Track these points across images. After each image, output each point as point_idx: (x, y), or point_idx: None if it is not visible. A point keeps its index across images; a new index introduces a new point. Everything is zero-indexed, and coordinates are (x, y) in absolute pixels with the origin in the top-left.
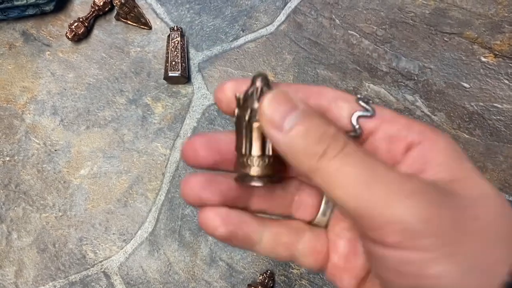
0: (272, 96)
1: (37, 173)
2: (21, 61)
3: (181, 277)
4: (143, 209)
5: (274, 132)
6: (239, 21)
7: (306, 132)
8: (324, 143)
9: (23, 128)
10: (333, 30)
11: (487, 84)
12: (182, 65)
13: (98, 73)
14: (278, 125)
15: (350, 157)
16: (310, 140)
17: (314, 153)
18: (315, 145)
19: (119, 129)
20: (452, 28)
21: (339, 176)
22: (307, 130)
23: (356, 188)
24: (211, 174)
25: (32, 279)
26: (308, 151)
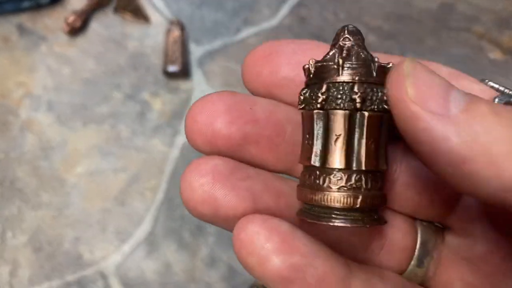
0: (413, 64)
1: (33, 170)
2: (16, 55)
3: (180, 278)
4: (141, 208)
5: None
6: (241, 15)
7: (496, 111)
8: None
9: (18, 124)
10: (338, 25)
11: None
12: (182, 60)
13: (95, 68)
14: (440, 108)
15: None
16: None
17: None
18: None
19: (117, 125)
20: (459, 24)
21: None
22: (495, 108)
23: None
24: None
25: (27, 279)
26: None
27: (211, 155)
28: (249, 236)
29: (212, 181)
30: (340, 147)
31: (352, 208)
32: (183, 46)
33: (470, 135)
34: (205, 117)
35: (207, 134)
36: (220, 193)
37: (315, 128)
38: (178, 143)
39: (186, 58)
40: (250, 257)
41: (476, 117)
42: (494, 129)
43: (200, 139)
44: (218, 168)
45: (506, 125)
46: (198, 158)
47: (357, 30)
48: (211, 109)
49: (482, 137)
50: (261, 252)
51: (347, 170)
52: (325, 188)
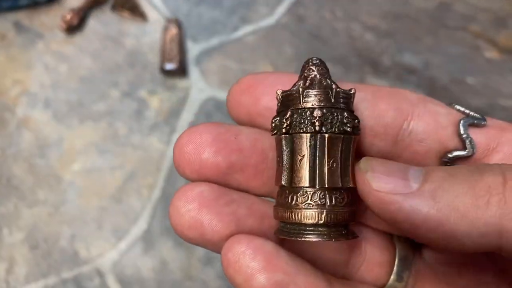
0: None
1: (29, 167)
2: (13, 53)
3: (176, 276)
4: (138, 206)
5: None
6: (238, 13)
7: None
8: (493, 168)
9: (14, 121)
10: (335, 23)
11: (491, 80)
12: (179, 58)
13: (92, 65)
14: (404, 187)
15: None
16: (466, 176)
17: (488, 184)
18: (482, 175)
19: (113, 123)
20: (456, 23)
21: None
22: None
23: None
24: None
25: (23, 276)
26: (477, 187)
27: (197, 182)
28: (236, 256)
29: (198, 207)
30: (304, 167)
31: (318, 223)
32: (180, 44)
33: (435, 201)
34: (192, 148)
35: (194, 163)
36: (206, 219)
37: (283, 151)
38: (175, 141)
39: (183, 56)
40: (237, 275)
41: (435, 184)
42: (454, 189)
43: (188, 169)
44: (204, 194)
45: (462, 181)
46: (185, 185)
47: (321, 61)
48: (198, 140)
49: (446, 199)
50: (247, 270)
51: (312, 188)
52: (293, 206)
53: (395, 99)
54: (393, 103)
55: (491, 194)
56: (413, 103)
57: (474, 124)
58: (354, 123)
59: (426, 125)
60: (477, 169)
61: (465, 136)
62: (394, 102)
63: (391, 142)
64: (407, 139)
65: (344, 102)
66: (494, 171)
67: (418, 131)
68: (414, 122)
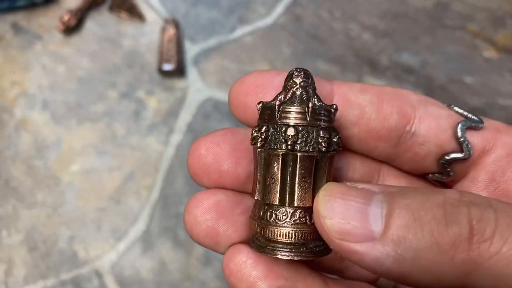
0: (325, 197)
1: (27, 169)
2: (11, 54)
3: (175, 277)
4: (136, 207)
5: (363, 248)
6: (236, 13)
7: (416, 216)
8: (460, 217)
9: (12, 123)
10: (333, 23)
11: (489, 80)
12: (177, 58)
13: (90, 66)
14: (364, 235)
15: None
16: (433, 226)
17: (453, 240)
18: (447, 227)
19: (111, 124)
20: (454, 22)
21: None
22: (414, 213)
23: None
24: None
25: (22, 278)
26: (442, 242)
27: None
28: (238, 266)
29: (216, 217)
30: (276, 184)
31: (288, 242)
32: (178, 44)
33: (398, 255)
34: (212, 159)
35: (214, 174)
36: (222, 229)
37: (258, 164)
38: (173, 142)
39: (181, 56)
40: (240, 284)
41: (398, 234)
42: (417, 242)
43: (207, 179)
44: (221, 204)
45: (427, 232)
46: (201, 192)
47: (305, 72)
48: (217, 151)
49: (410, 254)
50: (249, 279)
51: (283, 206)
52: (265, 222)
53: (398, 102)
54: (397, 106)
55: (456, 252)
56: (415, 105)
57: (472, 127)
58: (331, 140)
59: (427, 128)
60: (444, 211)
61: (462, 140)
62: (398, 105)
63: (394, 144)
64: (409, 142)
65: (323, 118)
66: (460, 221)
67: (419, 134)
68: (416, 126)
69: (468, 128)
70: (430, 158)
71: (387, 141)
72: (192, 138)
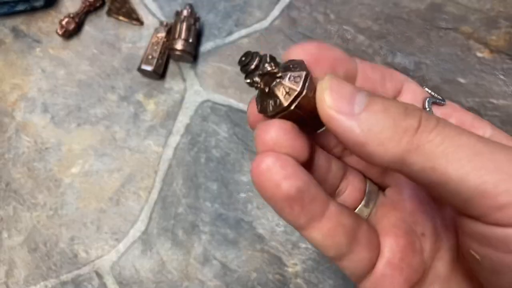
0: (330, 80)
1: (28, 171)
2: (11, 58)
3: (174, 276)
4: (136, 208)
5: (344, 119)
6: (233, 16)
7: (386, 107)
8: (414, 114)
9: (13, 126)
10: (328, 25)
11: (483, 80)
12: (157, 61)
13: (89, 70)
14: (347, 110)
15: (453, 127)
16: (395, 115)
17: (406, 127)
18: (404, 118)
19: (111, 126)
20: (448, 23)
21: (449, 149)
22: (385, 105)
23: (476, 161)
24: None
25: (23, 279)
26: (398, 126)
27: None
28: (269, 166)
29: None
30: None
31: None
32: (164, 48)
33: (367, 127)
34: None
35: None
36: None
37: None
38: (171, 144)
39: (163, 60)
40: (268, 182)
41: (371, 113)
42: (383, 122)
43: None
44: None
45: (391, 118)
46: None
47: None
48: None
49: (375, 127)
50: (277, 177)
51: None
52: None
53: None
54: (394, 82)
55: (405, 135)
56: (403, 82)
57: (437, 103)
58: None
59: (406, 100)
60: (405, 110)
61: (428, 110)
62: (394, 81)
63: None
64: None
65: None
66: (414, 117)
67: None
68: (401, 97)
69: (434, 103)
70: None
71: None
72: (190, 140)
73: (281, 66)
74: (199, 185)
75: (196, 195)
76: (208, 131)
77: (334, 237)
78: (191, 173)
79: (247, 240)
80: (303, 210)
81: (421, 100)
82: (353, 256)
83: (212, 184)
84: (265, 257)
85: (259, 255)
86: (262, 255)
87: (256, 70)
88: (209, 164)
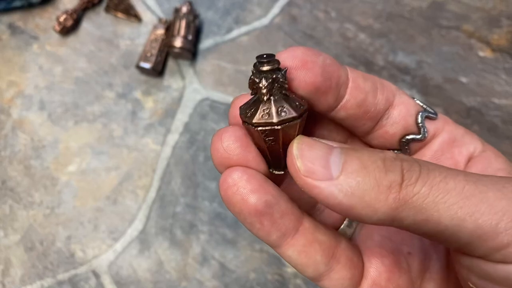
0: (299, 145)
1: (24, 169)
2: (7, 55)
3: (172, 276)
4: (133, 207)
5: (323, 185)
6: (232, 14)
7: (363, 164)
8: (394, 167)
9: (9, 123)
10: (329, 23)
11: (485, 79)
12: (156, 59)
13: (87, 67)
14: (324, 175)
15: (437, 171)
16: (375, 172)
17: (389, 184)
18: (386, 174)
19: (108, 124)
20: (449, 22)
21: (438, 197)
22: (362, 161)
23: (469, 205)
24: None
25: (19, 278)
26: (381, 185)
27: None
28: (234, 180)
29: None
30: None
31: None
32: (162, 45)
33: (349, 191)
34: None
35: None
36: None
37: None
38: (169, 142)
39: (162, 57)
40: (235, 196)
41: (350, 175)
42: (363, 183)
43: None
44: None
45: (371, 178)
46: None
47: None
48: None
49: (357, 191)
50: (243, 191)
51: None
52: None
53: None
54: (385, 93)
55: (390, 192)
56: (394, 94)
57: (429, 117)
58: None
59: (399, 112)
60: (384, 164)
61: (421, 125)
62: (386, 92)
63: (376, 123)
64: (384, 122)
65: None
66: (395, 170)
67: (393, 117)
68: (393, 110)
69: (426, 117)
70: (395, 136)
71: (373, 121)
72: (188, 138)
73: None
74: (197, 184)
75: (195, 194)
76: (207, 129)
77: (309, 254)
78: (190, 171)
79: (246, 240)
80: (274, 226)
81: (414, 113)
82: (333, 275)
83: (210, 183)
84: (264, 257)
85: (258, 255)
86: (261, 255)
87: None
88: (207, 163)
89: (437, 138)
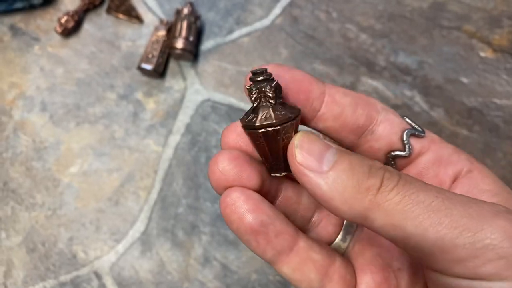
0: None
1: (26, 171)
2: (9, 56)
3: (174, 277)
4: (135, 208)
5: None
6: (233, 15)
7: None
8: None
9: (11, 125)
10: (330, 24)
11: (486, 80)
12: (158, 60)
13: (88, 68)
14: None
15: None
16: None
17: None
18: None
19: (110, 125)
20: (451, 23)
21: (408, 206)
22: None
23: (433, 217)
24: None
25: (21, 280)
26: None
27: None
28: (233, 200)
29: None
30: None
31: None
32: (164, 46)
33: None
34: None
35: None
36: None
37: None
38: (171, 143)
39: (164, 59)
40: (233, 214)
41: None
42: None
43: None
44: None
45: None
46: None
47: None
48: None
49: (339, 186)
50: (240, 210)
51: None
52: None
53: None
54: (367, 110)
55: (368, 194)
56: (379, 111)
57: (416, 135)
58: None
59: (383, 129)
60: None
61: (406, 142)
62: (368, 109)
63: (358, 137)
64: (369, 137)
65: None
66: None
67: (377, 133)
68: (377, 126)
69: (412, 135)
70: (381, 152)
71: (355, 134)
72: (190, 139)
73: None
74: (199, 185)
75: (196, 195)
76: (208, 131)
77: (303, 272)
78: (191, 172)
79: None
80: (269, 244)
81: (399, 131)
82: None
83: None
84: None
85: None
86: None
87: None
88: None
89: (423, 156)
